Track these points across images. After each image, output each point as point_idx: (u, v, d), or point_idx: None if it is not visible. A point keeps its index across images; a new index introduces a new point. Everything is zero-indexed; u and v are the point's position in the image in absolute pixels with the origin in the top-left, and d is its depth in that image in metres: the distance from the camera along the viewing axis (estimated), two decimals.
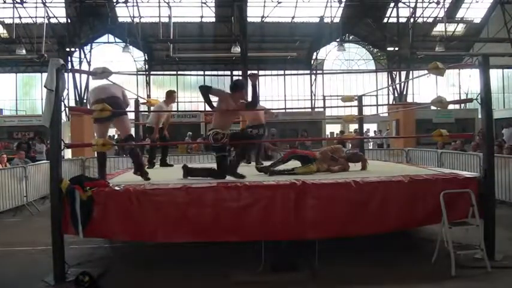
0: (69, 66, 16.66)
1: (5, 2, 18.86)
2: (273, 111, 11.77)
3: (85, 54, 20.35)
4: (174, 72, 23.65)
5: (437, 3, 19.78)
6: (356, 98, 8.22)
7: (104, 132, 5.29)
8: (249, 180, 4.67)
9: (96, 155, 5.63)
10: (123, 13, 20.64)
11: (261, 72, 23.53)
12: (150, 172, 5.36)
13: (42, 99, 20.77)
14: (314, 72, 24.02)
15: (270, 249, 4.48)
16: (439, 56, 18.57)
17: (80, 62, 19.69)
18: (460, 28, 23.18)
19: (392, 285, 4.08)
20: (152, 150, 7.70)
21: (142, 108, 11.39)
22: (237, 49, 19.54)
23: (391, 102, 21.28)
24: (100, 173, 5.24)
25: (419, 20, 20.27)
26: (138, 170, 5.24)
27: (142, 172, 5.16)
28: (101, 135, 5.21)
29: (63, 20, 18.99)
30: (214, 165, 5.23)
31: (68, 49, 19.01)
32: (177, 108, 20.55)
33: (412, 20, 19.33)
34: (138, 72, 24.05)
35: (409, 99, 20.95)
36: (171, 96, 7.54)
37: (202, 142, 15.04)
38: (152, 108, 8.26)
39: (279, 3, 20.19)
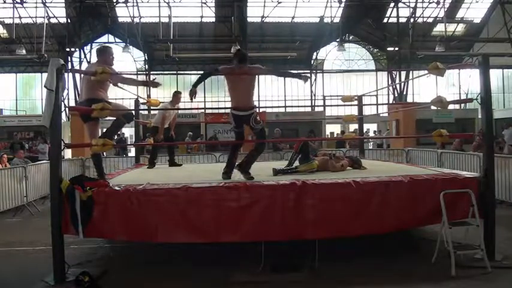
0: (69, 66, 16.71)
1: (5, 2, 18.88)
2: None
3: (85, 54, 20.38)
4: (174, 72, 23.66)
5: (437, 3, 19.80)
6: (356, 98, 8.23)
7: (95, 132, 5.20)
8: (249, 180, 4.67)
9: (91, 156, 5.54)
10: (123, 13, 20.66)
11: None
12: (153, 172, 5.31)
13: (42, 99, 20.78)
14: (314, 71, 24.03)
15: (270, 249, 4.48)
16: (439, 56, 18.57)
17: (80, 62, 19.73)
18: (460, 28, 23.19)
19: (392, 285, 4.08)
20: (154, 151, 7.68)
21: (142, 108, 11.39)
22: (237, 49, 19.55)
23: (391, 102, 21.29)
24: (100, 173, 5.23)
25: (419, 20, 20.30)
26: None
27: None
28: (94, 135, 5.14)
29: (63, 20, 19.02)
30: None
31: (68, 49, 19.04)
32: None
33: (412, 20, 19.35)
34: (138, 72, 24.04)
35: (409, 99, 20.99)
36: (176, 96, 7.49)
37: (203, 142, 15.08)
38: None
39: (279, 3, 20.21)
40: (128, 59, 23.01)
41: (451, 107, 18.51)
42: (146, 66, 23.75)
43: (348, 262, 4.61)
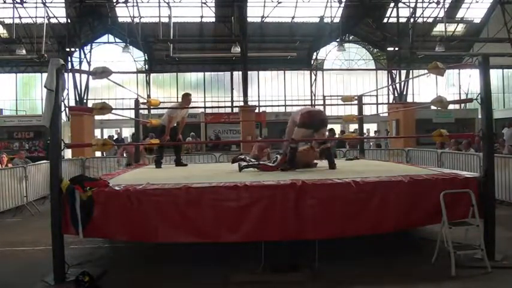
0: (69, 66, 16.70)
1: (5, 2, 18.86)
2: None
3: (85, 54, 20.35)
4: (174, 72, 23.65)
5: (437, 3, 19.77)
6: (356, 98, 8.24)
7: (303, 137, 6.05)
8: (249, 180, 4.67)
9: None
10: (123, 13, 20.64)
11: (261, 71, 23.67)
12: (153, 172, 5.29)
13: (42, 99, 20.76)
14: (314, 69, 24.04)
15: (270, 249, 4.48)
16: (439, 56, 18.56)
17: (80, 62, 19.70)
18: (460, 28, 23.17)
19: (392, 285, 4.08)
20: (160, 151, 7.66)
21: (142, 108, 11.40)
22: (237, 49, 19.55)
23: (391, 102, 21.27)
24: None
25: (419, 20, 20.25)
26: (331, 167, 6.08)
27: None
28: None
29: (63, 20, 18.99)
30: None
31: (68, 49, 19.01)
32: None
33: (412, 20, 19.33)
34: (138, 72, 24.04)
35: (409, 99, 20.96)
36: (186, 98, 7.43)
37: (205, 142, 15.09)
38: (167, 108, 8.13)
39: (279, 3, 20.19)
40: (128, 59, 23.00)
41: (451, 107, 18.51)
42: (146, 66, 23.75)
43: (348, 262, 4.61)
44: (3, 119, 16.80)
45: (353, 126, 16.66)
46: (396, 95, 19.74)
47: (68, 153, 13.70)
